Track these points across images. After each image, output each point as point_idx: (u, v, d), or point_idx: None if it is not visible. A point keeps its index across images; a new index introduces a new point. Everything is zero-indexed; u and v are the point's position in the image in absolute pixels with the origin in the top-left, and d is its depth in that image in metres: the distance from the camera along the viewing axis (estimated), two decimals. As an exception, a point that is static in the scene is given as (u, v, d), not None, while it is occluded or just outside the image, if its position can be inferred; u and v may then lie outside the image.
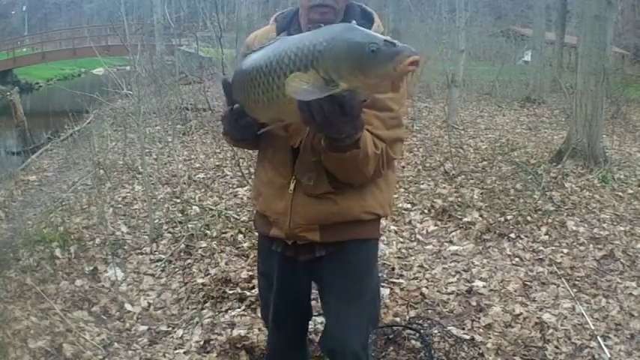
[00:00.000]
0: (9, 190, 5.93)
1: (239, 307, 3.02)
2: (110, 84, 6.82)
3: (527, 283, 3.41)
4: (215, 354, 2.61)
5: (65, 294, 3.15)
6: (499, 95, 13.27)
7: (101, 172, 5.71)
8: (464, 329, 2.85)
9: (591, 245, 3.98)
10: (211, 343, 2.70)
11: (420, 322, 2.88)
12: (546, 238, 4.11)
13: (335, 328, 1.71)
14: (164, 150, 6.84)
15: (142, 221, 4.38)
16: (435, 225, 4.41)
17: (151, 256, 3.74)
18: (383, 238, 3.98)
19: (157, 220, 4.25)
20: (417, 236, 4.20)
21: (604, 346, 2.73)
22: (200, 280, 3.34)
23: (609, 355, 2.67)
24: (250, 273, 3.35)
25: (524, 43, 21.19)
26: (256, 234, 4.10)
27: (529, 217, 4.43)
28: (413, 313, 2.99)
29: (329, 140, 1.39)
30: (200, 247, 3.78)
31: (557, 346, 2.73)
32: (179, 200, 4.80)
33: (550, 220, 4.39)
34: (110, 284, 3.34)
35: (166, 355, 2.64)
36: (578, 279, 3.48)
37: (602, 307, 3.14)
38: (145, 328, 2.89)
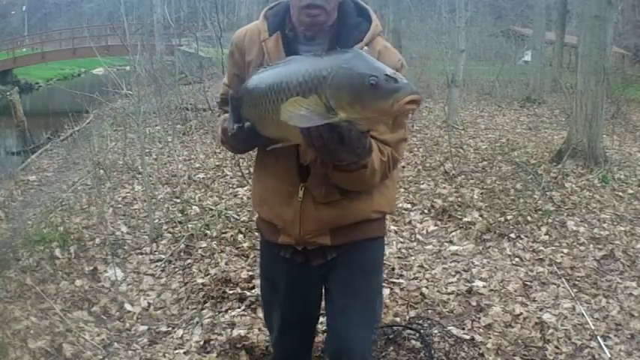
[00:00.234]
0: (9, 190, 5.93)
1: (239, 307, 3.01)
2: (110, 84, 6.83)
3: (528, 283, 3.41)
4: (215, 354, 2.61)
5: (65, 294, 3.15)
6: (499, 95, 13.26)
7: (101, 172, 5.71)
8: (464, 329, 2.85)
9: (591, 245, 3.98)
10: (211, 343, 2.70)
11: (420, 322, 2.88)
12: (546, 238, 4.11)
13: (343, 327, 1.67)
14: (164, 150, 6.84)
15: (142, 221, 4.38)
16: (435, 225, 4.41)
17: (151, 256, 3.74)
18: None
19: (156, 220, 4.25)
20: (417, 236, 4.20)
21: (604, 346, 2.73)
22: (200, 280, 3.34)
23: (609, 355, 2.67)
24: (250, 273, 3.35)
25: (524, 43, 21.19)
26: (256, 234, 4.09)
27: (529, 217, 4.43)
28: (413, 313, 2.99)
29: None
30: (200, 247, 3.78)
31: (557, 346, 2.73)
32: (179, 200, 4.80)
33: (550, 220, 4.39)
34: (110, 284, 3.34)
35: (166, 355, 2.64)
36: (578, 279, 3.48)
37: (602, 307, 3.14)
38: (145, 328, 2.89)
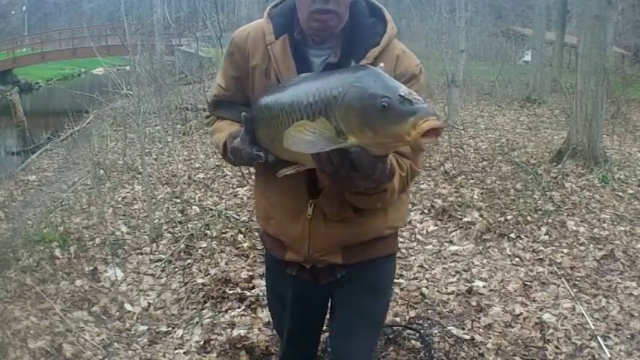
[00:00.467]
0: (9, 190, 5.93)
1: (239, 307, 3.01)
2: (110, 84, 6.84)
3: (528, 283, 3.41)
4: (215, 354, 2.61)
5: (65, 294, 3.15)
6: (499, 95, 13.26)
7: (101, 172, 5.70)
8: (464, 329, 2.85)
9: (591, 245, 3.98)
10: (211, 343, 2.70)
11: (420, 322, 2.88)
12: (546, 238, 4.11)
13: (346, 353, 1.62)
14: (164, 150, 6.84)
15: (141, 221, 4.38)
16: (435, 225, 4.41)
17: (151, 256, 3.74)
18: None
19: (156, 220, 4.24)
20: (417, 236, 4.20)
21: (604, 346, 2.73)
22: (200, 280, 3.34)
23: (609, 355, 2.67)
24: (250, 273, 3.35)
25: (524, 43, 21.19)
26: (256, 234, 4.10)
27: (529, 217, 4.43)
28: (413, 313, 2.99)
29: None
30: (200, 247, 3.78)
31: (557, 346, 2.73)
32: (179, 200, 4.80)
33: (550, 220, 4.39)
34: (110, 284, 3.34)
35: (166, 355, 2.64)
36: (578, 279, 3.48)
37: (602, 307, 3.14)
38: (145, 328, 2.89)
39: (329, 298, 1.66)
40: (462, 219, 4.41)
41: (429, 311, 3.03)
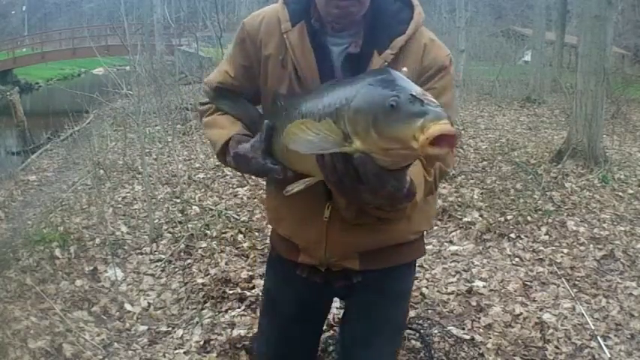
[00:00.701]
0: (9, 190, 5.93)
1: (239, 307, 3.01)
2: (110, 84, 6.84)
3: (527, 283, 3.41)
4: (215, 354, 2.61)
5: (65, 294, 3.15)
6: (499, 95, 13.26)
7: (101, 172, 5.71)
8: (464, 329, 2.85)
9: (591, 245, 3.98)
10: (211, 343, 2.70)
11: (420, 322, 2.88)
12: (546, 238, 4.11)
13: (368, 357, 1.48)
14: (164, 150, 6.84)
15: (142, 221, 4.38)
16: (435, 225, 4.41)
17: (151, 256, 3.74)
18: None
19: (156, 220, 4.25)
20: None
21: (604, 346, 2.73)
22: (200, 280, 3.34)
23: (609, 355, 2.67)
24: (250, 273, 3.35)
25: (524, 43, 21.20)
26: (256, 234, 4.08)
27: (529, 217, 4.43)
28: (413, 313, 2.99)
29: None
30: (200, 247, 3.78)
31: (557, 346, 2.73)
32: (179, 200, 4.80)
33: (550, 220, 4.39)
34: (110, 284, 3.34)
35: (166, 355, 2.64)
36: (578, 279, 3.48)
37: (602, 307, 3.14)
38: (145, 328, 2.89)
39: (332, 301, 1.56)
40: (462, 219, 4.41)
41: (429, 311, 3.03)
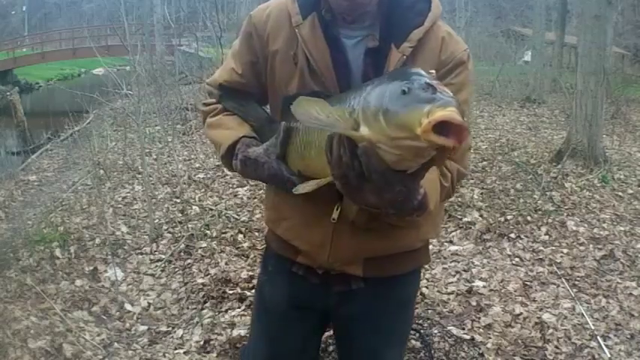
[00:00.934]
0: (9, 190, 5.93)
1: (239, 307, 3.01)
2: (110, 84, 6.84)
3: (527, 283, 3.41)
4: (215, 354, 2.61)
5: (65, 294, 3.15)
6: (499, 95, 13.25)
7: (101, 172, 5.71)
8: (464, 329, 2.85)
9: (591, 245, 3.98)
10: (211, 343, 2.70)
11: (420, 322, 2.88)
12: (546, 238, 4.11)
13: None
14: (164, 150, 6.84)
15: (142, 221, 4.38)
16: (435, 225, 4.41)
17: (151, 256, 3.74)
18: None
19: (157, 220, 4.25)
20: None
21: (604, 346, 2.73)
22: (200, 280, 3.34)
23: (609, 355, 2.67)
24: (250, 273, 3.35)
25: (524, 43, 21.20)
26: (256, 234, 4.08)
27: (529, 217, 4.43)
28: (413, 313, 2.99)
29: None
30: (200, 247, 3.78)
31: (557, 346, 2.73)
32: (179, 200, 4.80)
33: (550, 220, 4.39)
34: (110, 284, 3.34)
35: (166, 355, 2.64)
36: (578, 279, 3.48)
37: (602, 307, 3.14)
38: (145, 328, 2.89)
39: (331, 310, 1.42)
40: (462, 219, 4.41)
41: (429, 311, 3.03)
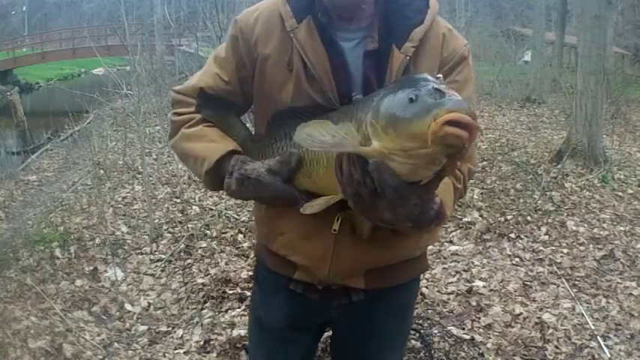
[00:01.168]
0: (9, 190, 5.94)
1: (239, 307, 3.02)
2: (110, 84, 6.84)
3: (527, 283, 3.41)
4: (215, 354, 2.61)
5: (65, 294, 3.15)
6: (499, 95, 13.25)
7: (101, 172, 5.71)
8: (464, 329, 2.85)
9: (591, 245, 3.98)
10: (211, 343, 2.70)
11: (420, 322, 2.88)
12: (546, 238, 4.11)
13: None
14: (164, 150, 6.83)
15: (142, 221, 4.38)
16: (435, 225, 4.40)
17: (151, 256, 3.74)
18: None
19: (157, 220, 4.25)
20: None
21: (604, 346, 2.73)
22: (200, 280, 3.34)
23: (609, 355, 2.67)
24: (250, 273, 3.35)
25: (524, 43, 21.19)
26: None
27: (529, 217, 4.43)
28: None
29: None
30: (200, 247, 3.78)
31: (557, 346, 2.73)
32: (179, 200, 4.80)
33: (550, 220, 4.39)
34: (110, 284, 3.34)
35: (166, 355, 2.64)
36: (578, 279, 3.48)
37: (602, 307, 3.14)
38: (145, 328, 2.90)
39: (330, 321, 1.39)
40: (462, 219, 4.41)
41: (429, 311, 3.03)
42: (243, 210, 4.58)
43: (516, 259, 3.78)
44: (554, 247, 3.93)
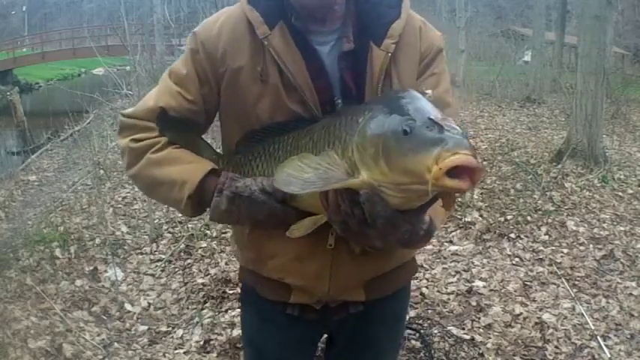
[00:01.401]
0: (9, 190, 5.94)
1: (239, 308, 3.01)
2: (110, 84, 6.85)
3: (527, 283, 3.41)
4: (215, 354, 2.61)
5: (65, 294, 3.15)
6: (499, 95, 13.26)
7: (101, 172, 5.71)
8: (464, 329, 2.85)
9: (591, 245, 3.98)
10: (211, 343, 2.70)
11: (420, 322, 2.88)
12: (546, 238, 4.11)
13: None
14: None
15: (142, 221, 4.38)
16: (435, 225, 4.40)
17: (151, 256, 3.74)
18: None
19: (156, 220, 4.25)
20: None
21: (604, 346, 2.73)
22: (200, 280, 3.34)
23: (609, 355, 2.67)
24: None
25: (524, 43, 21.20)
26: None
27: (529, 217, 4.43)
28: (413, 313, 2.99)
29: None
30: (200, 247, 3.78)
31: (557, 346, 2.73)
32: (179, 200, 4.79)
33: (550, 220, 4.39)
34: (110, 284, 3.34)
35: (166, 355, 2.64)
36: (578, 279, 3.48)
37: (602, 307, 3.14)
38: (145, 328, 2.90)
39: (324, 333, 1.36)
40: (462, 219, 4.41)
41: (429, 311, 3.03)
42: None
43: (516, 259, 3.78)
44: (554, 247, 3.93)
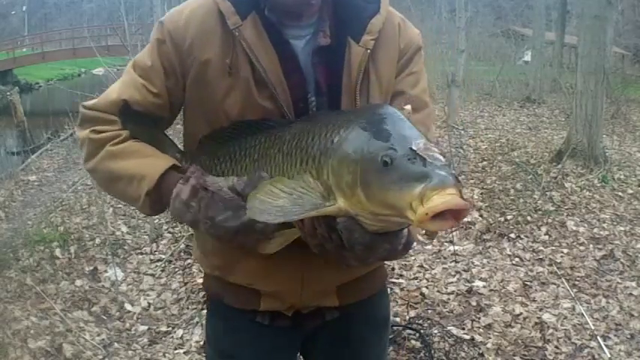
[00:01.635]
0: (9, 190, 5.94)
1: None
2: (110, 84, 6.83)
3: (527, 283, 3.41)
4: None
5: (65, 294, 3.16)
6: (499, 95, 13.26)
7: (101, 172, 5.70)
8: (464, 329, 2.85)
9: (591, 245, 3.98)
10: (211, 343, 2.70)
11: (420, 322, 2.88)
12: (546, 238, 4.11)
13: None
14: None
15: (142, 221, 4.38)
16: (435, 225, 4.40)
17: (151, 256, 3.74)
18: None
19: (156, 220, 4.24)
20: (417, 236, 4.19)
21: (604, 346, 2.73)
22: (200, 280, 3.33)
23: (609, 355, 2.67)
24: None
25: (524, 43, 21.21)
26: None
27: (529, 217, 4.43)
28: (413, 313, 2.99)
29: None
30: (200, 247, 3.78)
31: (557, 346, 2.74)
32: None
33: (550, 220, 4.39)
34: (110, 284, 3.34)
35: (166, 355, 2.64)
36: (578, 279, 3.48)
37: (602, 307, 3.14)
38: (145, 328, 2.90)
39: (301, 343, 1.27)
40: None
41: (429, 311, 3.03)
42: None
43: (516, 259, 3.78)
44: (554, 247, 3.93)
